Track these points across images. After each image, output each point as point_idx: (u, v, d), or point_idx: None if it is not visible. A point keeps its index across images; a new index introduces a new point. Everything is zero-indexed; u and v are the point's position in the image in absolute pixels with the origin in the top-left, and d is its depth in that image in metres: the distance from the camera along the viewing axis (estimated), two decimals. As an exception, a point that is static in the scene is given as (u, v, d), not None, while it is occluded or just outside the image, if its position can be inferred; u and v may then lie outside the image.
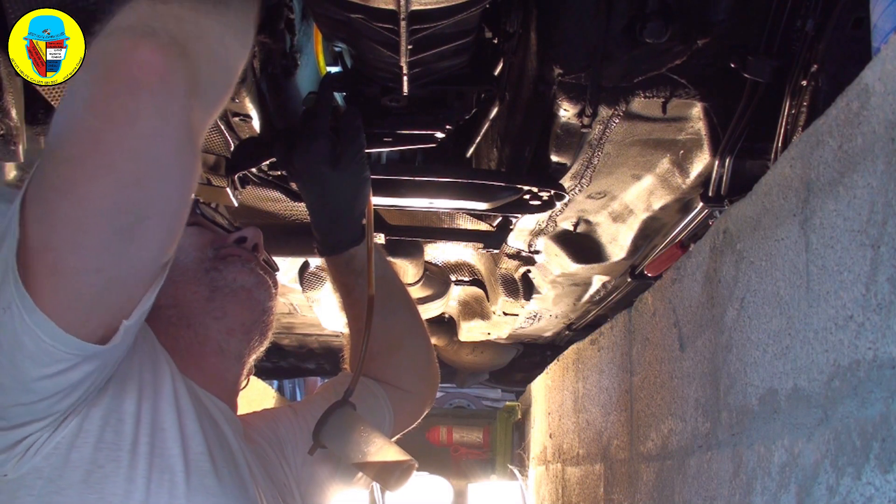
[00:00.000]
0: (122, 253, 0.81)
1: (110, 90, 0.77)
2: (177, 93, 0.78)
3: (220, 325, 1.13)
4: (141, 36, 0.77)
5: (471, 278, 2.51)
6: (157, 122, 0.77)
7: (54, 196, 0.78)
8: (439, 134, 1.46)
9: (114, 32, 0.79)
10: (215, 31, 0.89)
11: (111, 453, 0.90)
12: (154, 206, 0.81)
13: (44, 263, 0.78)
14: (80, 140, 0.77)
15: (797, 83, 1.25)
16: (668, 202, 1.68)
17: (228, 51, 0.92)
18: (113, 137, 0.76)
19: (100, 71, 0.78)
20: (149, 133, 0.77)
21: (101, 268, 0.80)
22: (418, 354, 1.46)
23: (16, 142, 1.26)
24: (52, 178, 0.78)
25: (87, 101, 0.77)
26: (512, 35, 1.39)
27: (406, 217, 1.95)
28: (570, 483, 2.43)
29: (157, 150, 0.78)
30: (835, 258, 0.79)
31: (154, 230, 0.83)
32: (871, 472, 0.69)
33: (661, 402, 1.42)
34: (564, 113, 1.38)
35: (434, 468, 4.31)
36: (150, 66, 0.76)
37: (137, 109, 0.76)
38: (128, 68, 0.76)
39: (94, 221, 0.78)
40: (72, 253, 0.78)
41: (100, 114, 0.77)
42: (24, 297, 0.78)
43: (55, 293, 0.78)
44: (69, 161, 0.77)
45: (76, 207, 0.77)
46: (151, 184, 0.79)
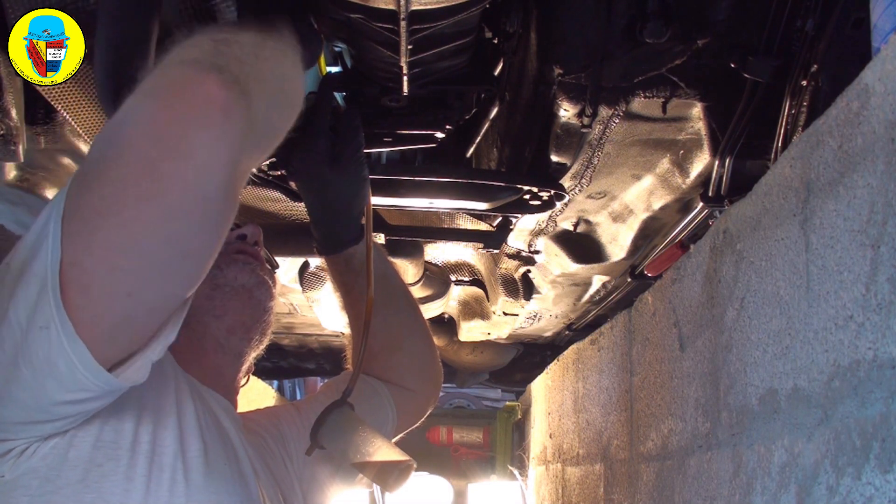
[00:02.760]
0: (155, 282, 0.80)
1: (172, 118, 0.76)
2: (235, 132, 0.77)
3: (220, 324, 1.14)
4: (209, 70, 0.76)
5: (471, 278, 2.51)
6: (213, 157, 0.76)
7: (95, 216, 0.76)
8: (439, 134, 1.46)
9: (179, 64, 0.78)
10: (274, 76, 0.88)
11: (110, 452, 0.90)
12: (193, 243, 0.80)
13: (75, 281, 0.77)
14: (133, 163, 0.76)
15: (797, 83, 1.25)
16: (668, 202, 1.68)
17: (284, 97, 0.92)
18: (168, 166, 0.75)
19: (161, 97, 0.77)
20: (203, 167, 0.76)
21: (131, 293, 0.79)
22: (421, 353, 1.46)
23: (16, 142, 1.26)
24: (96, 198, 0.77)
25: (144, 126, 0.76)
26: (512, 35, 1.39)
27: (406, 217, 1.95)
28: (570, 483, 2.43)
29: (208, 187, 0.77)
30: (835, 258, 0.79)
31: (188, 267, 0.82)
32: (871, 472, 0.69)
33: (661, 402, 1.42)
34: (564, 113, 1.38)
35: (434, 468, 4.31)
36: (215, 100, 0.75)
37: (197, 141, 0.75)
38: (191, 99, 0.75)
39: (133, 247, 0.77)
40: (106, 274, 0.77)
41: (158, 140, 0.75)
42: (65, 320, 0.76)
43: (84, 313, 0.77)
44: (116, 183, 0.76)
45: (118, 230, 0.76)
46: (195, 219, 0.78)
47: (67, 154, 1.56)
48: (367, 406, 1.23)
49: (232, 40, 0.84)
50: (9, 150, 1.27)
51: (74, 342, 0.77)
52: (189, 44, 0.82)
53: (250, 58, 0.84)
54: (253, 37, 0.88)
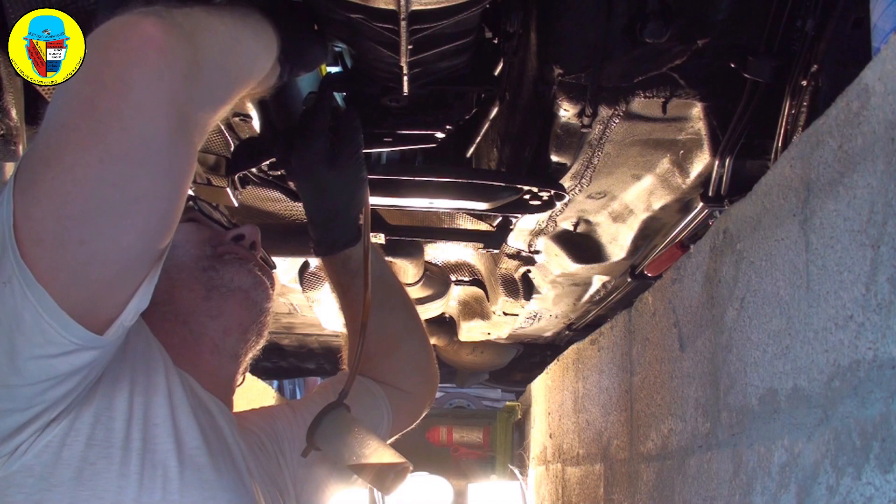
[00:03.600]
0: (107, 229, 0.79)
1: (107, 58, 0.76)
2: (174, 70, 0.77)
3: (216, 325, 1.13)
4: (146, 14, 0.77)
5: (471, 278, 2.51)
6: (150, 95, 0.76)
7: (41, 165, 0.77)
8: (439, 134, 1.46)
9: (121, 13, 0.79)
10: (226, 27, 0.88)
11: (102, 450, 0.90)
12: (142, 186, 0.79)
13: (27, 233, 0.77)
14: (72, 107, 0.76)
15: (797, 83, 1.25)
16: (668, 202, 1.68)
17: (238, 51, 0.92)
18: (105, 105, 0.75)
19: (100, 41, 0.78)
20: (142, 105, 0.76)
21: (84, 240, 0.78)
22: (417, 354, 1.46)
23: (16, 142, 1.26)
24: (41, 147, 0.77)
25: (83, 70, 0.77)
26: (512, 35, 1.39)
27: (406, 217, 1.95)
28: (570, 483, 2.43)
29: (149, 126, 0.77)
30: (835, 258, 0.79)
31: (142, 211, 0.81)
32: (871, 472, 0.69)
33: (661, 402, 1.42)
34: (564, 113, 1.38)
35: (434, 468, 4.31)
36: (150, 38, 0.76)
37: (132, 79, 0.75)
38: (128, 39, 0.76)
39: (77, 192, 0.76)
40: (55, 223, 0.77)
41: (94, 81, 0.76)
42: (25, 270, 0.76)
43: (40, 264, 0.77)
44: (58, 129, 0.76)
45: (61, 176, 0.76)
46: (140, 161, 0.78)
47: (67, 154, 1.56)
48: (362, 407, 1.23)
49: (187, 6, 0.84)
50: (9, 150, 1.27)
51: (35, 289, 0.77)
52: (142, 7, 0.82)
53: (199, 12, 0.84)
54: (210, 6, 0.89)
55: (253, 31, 0.96)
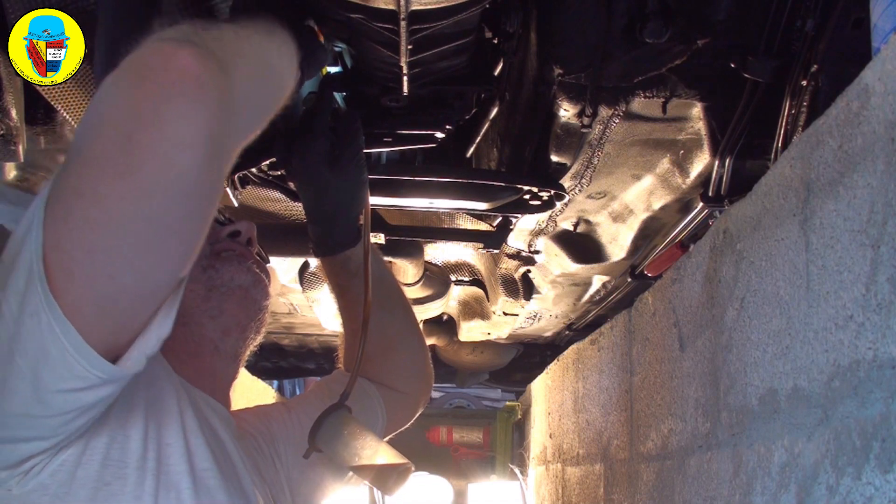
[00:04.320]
0: (137, 263, 0.79)
1: (144, 92, 0.75)
2: (210, 103, 0.76)
3: (216, 324, 1.12)
4: (182, 44, 0.76)
5: (471, 278, 2.51)
6: (187, 129, 0.75)
7: (73, 196, 0.76)
8: (439, 134, 1.46)
9: (154, 41, 0.78)
10: (256, 53, 0.88)
11: (118, 471, 0.90)
12: (174, 220, 0.79)
13: (57, 265, 0.76)
14: (107, 140, 0.75)
15: (797, 83, 1.25)
16: (668, 202, 1.68)
17: (269, 77, 0.91)
18: (141, 139, 0.74)
19: (135, 73, 0.76)
20: (178, 140, 0.75)
21: (113, 274, 0.77)
22: (413, 356, 1.46)
23: (16, 142, 1.26)
24: (73, 178, 0.76)
25: (119, 101, 0.76)
26: (512, 35, 1.39)
27: (406, 217, 1.95)
28: (570, 483, 2.43)
29: (185, 160, 0.76)
30: (835, 258, 0.79)
31: (172, 245, 0.80)
32: (871, 472, 0.69)
33: (661, 402, 1.42)
34: (564, 113, 1.38)
35: (434, 468, 4.31)
36: (187, 72, 0.74)
37: (169, 113, 0.74)
38: (165, 72, 0.74)
39: (110, 225, 0.76)
40: (85, 256, 0.76)
41: (130, 115, 0.75)
42: (53, 305, 0.76)
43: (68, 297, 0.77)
44: (92, 161, 0.75)
45: (93, 209, 0.75)
46: (174, 194, 0.77)
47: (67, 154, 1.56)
48: (357, 407, 1.23)
49: (212, 26, 0.83)
50: (9, 150, 1.27)
51: (63, 325, 0.77)
52: (169, 28, 0.81)
53: (230, 36, 0.84)
54: (239, 25, 0.88)
55: (278, 48, 0.95)
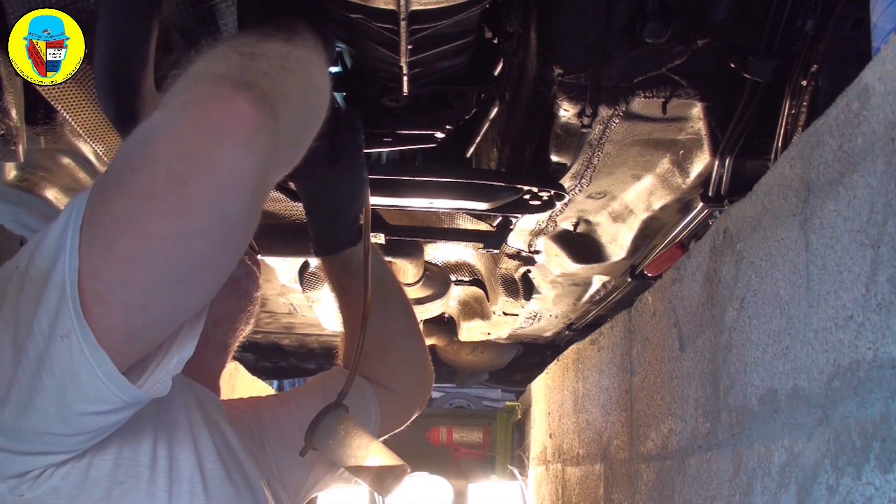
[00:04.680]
0: (171, 296, 0.80)
1: (201, 135, 0.75)
2: (262, 150, 0.77)
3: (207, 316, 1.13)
4: (238, 87, 0.76)
5: (471, 278, 2.51)
6: (238, 175, 0.76)
7: (116, 229, 0.76)
8: (439, 134, 1.46)
9: (208, 79, 0.78)
10: (299, 89, 0.88)
11: (130, 469, 0.90)
12: (212, 258, 0.80)
13: (92, 293, 0.77)
14: (159, 177, 0.75)
15: (797, 83, 1.25)
16: (668, 202, 1.68)
17: (308, 110, 0.92)
18: (193, 181, 0.74)
19: (192, 114, 0.76)
20: (228, 185, 0.76)
21: (147, 305, 0.78)
22: (412, 357, 1.46)
23: (16, 142, 1.26)
24: (117, 210, 0.76)
25: (173, 142, 0.76)
26: (512, 35, 1.39)
27: (406, 217, 1.95)
28: (570, 483, 2.43)
29: (231, 204, 0.77)
30: (835, 258, 0.79)
31: (205, 282, 0.82)
32: (871, 472, 0.69)
33: (661, 402, 1.42)
34: (564, 113, 1.38)
35: (434, 468, 4.31)
36: (244, 119, 0.75)
37: (224, 158, 0.75)
38: (222, 117, 0.75)
39: (152, 261, 0.76)
40: (123, 287, 0.77)
41: (184, 155, 0.75)
42: (86, 329, 0.76)
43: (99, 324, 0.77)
44: (139, 196, 0.75)
45: (137, 244, 0.75)
46: (217, 236, 0.78)
47: (67, 154, 1.56)
48: (350, 404, 1.24)
49: (258, 54, 0.83)
50: (9, 150, 1.27)
51: (95, 351, 0.77)
52: (216, 57, 0.81)
53: (278, 72, 0.84)
54: (279, 47, 0.87)
55: (319, 76, 0.95)
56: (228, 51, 0.83)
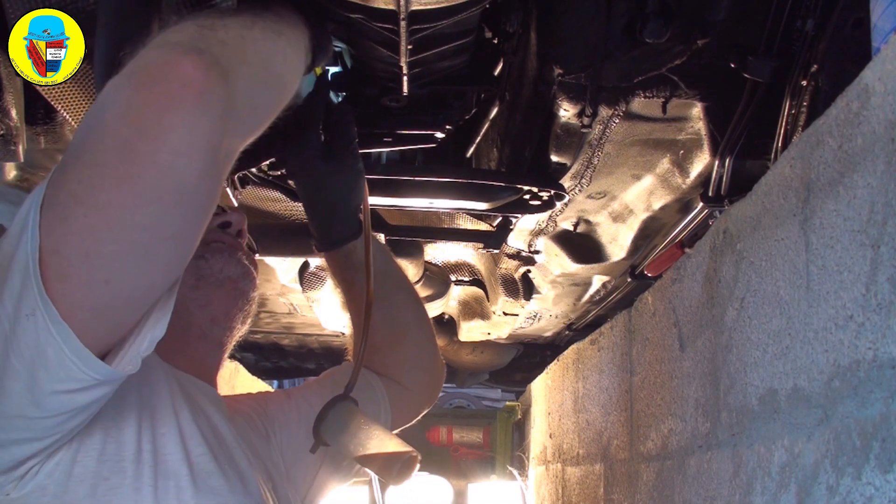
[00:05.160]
0: (133, 268, 0.79)
1: (147, 100, 0.75)
2: (212, 113, 0.77)
3: (203, 313, 1.14)
4: (185, 52, 0.76)
5: (471, 278, 2.51)
6: (189, 139, 0.76)
7: (71, 201, 0.76)
8: (439, 134, 1.46)
9: (160, 47, 0.78)
10: (260, 57, 0.88)
11: (115, 465, 0.90)
12: (172, 226, 0.79)
13: (54, 269, 0.76)
14: (108, 147, 0.75)
15: (797, 83, 1.25)
16: (668, 202, 1.68)
17: (271, 80, 0.92)
18: (143, 148, 0.74)
19: (139, 80, 0.77)
20: (179, 149, 0.75)
21: (109, 279, 0.78)
22: (422, 350, 1.45)
23: (16, 142, 1.26)
24: (72, 182, 0.76)
25: (121, 109, 0.76)
26: (512, 35, 1.39)
27: (406, 217, 1.95)
28: (570, 483, 2.43)
29: (185, 168, 0.76)
30: (835, 258, 0.79)
31: (169, 250, 0.81)
32: (871, 472, 0.69)
33: (661, 402, 1.42)
34: (564, 113, 1.38)
35: (434, 468, 4.31)
36: (190, 81, 0.75)
37: (171, 122, 0.75)
38: (168, 81, 0.75)
39: (108, 232, 0.76)
40: (83, 261, 0.77)
41: (133, 122, 0.75)
42: (49, 306, 0.76)
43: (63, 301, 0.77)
44: (92, 167, 0.76)
45: (93, 215, 0.75)
46: (172, 203, 0.78)
47: (67, 154, 1.56)
48: (359, 398, 1.24)
49: (218, 24, 0.83)
50: (9, 150, 1.27)
51: (60, 327, 0.77)
52: (174, 28, 0.81)
53: (235, 40, 0.84)
54: (243, 19, 0.88)
55: (284, 50, 0.95)
56: (188, 23, 0.83)
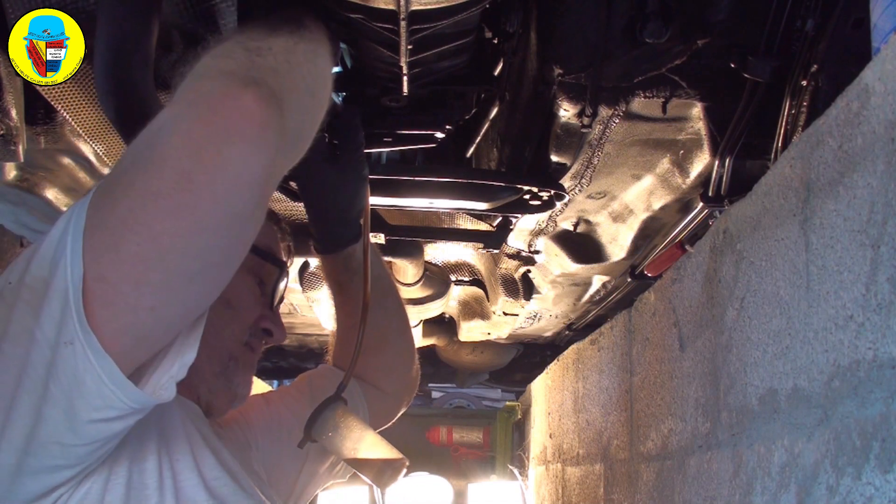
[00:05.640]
0: (179, 295, 0.79)
1: (209, 133, 0.75)
2: (269, 147, 0.77)
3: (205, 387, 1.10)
4: (246, 84, 0.76)
5: (471, 278, 2.51)
6: (247, 171, 0.76)
7: (123, 229, 0.75)
8: (439, 134, 1.46)
9: (216, 76, 0.78)
10: (306, 83, 0.88)
11: (140, 492, 0.90)
12: (220, 255, 0.80)
13: (99, 296, 0.76)
14: (166, 176, 0.75)
15: (797, 83, 1.25)
16: (668, 202, 1.68)
17: (314, 103, 0.92)
18: (202, 178, 0.74)
19: (199, 111, 0.76)
20: (236, 182, 0.76)
21: (155, 307, 0.78)
22: (402, 357, 1.47)
23: (16, 142, 1.26)
24: (124, 210, 0.76)
25: (182, 139, 0.75)
26: (512, 35, 1.39)
27: (406, 217, 1.95)
28: (570, 483, 2.43)
29: (240, 201, 0.77)
30: (835, 258, 0.79)
31: (213, 279, 0.81)
32: (871, 472, 0.69)
33: (661, 402, 1.42)
34: (564, 113, 1.38)
35: (434, 468, 4.31)
36: (252, 116, 0.75)
37: (232, 156, 0.75)
38: (229, 114, 0.75)
39: (160, 260, 0.76)
40: (132, 289, 0.76)
41: (193, 153, 0.75)
42: (90, 335, 0.76)
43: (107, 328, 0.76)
44: (147, 195, 0.75)
45: (147, 244, 0.75)
46: (226, 233, 0.78)
47: (67, 154, 1.56)
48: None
49: (264, 48, 0.83)
50: (9, 150, 1.27)
51: (100, 356, 0.76)
52: (222, 53, 0.81)
53: (284, 66, 0.84)
54: (285, 41, 0.87)
55: (324, 71, 0.95)
56: (234, 46, 0.82)
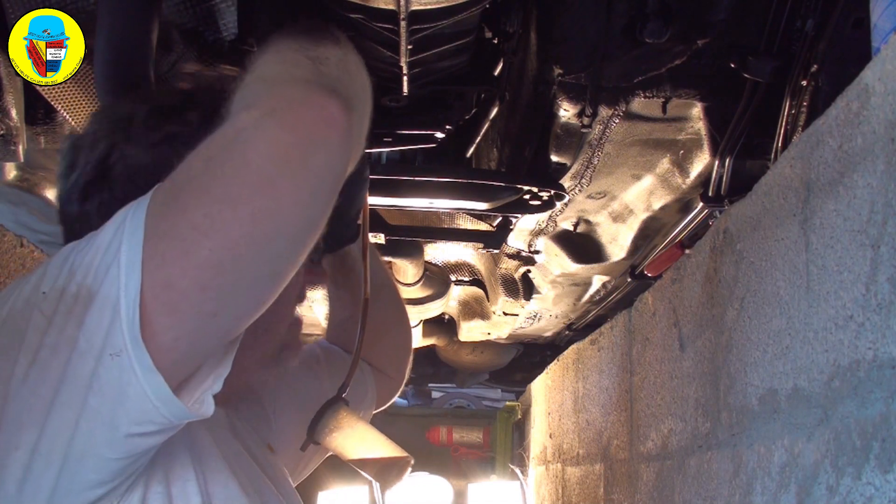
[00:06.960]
0: (241, 304, 0.78)
1: (296, 140, 0.74)
2: (347, 152, 0.78)
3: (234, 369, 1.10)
4: (328, 93, 0.76)
5: (471, 278, 2.51)
6: (327, 178, 0.76)
7: (197, 234, 0.73)
8: (439, 134, 1.46)
9: (296, 83, 0.78)
10: (365, 93, 0.90)
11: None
12: (288, 262, 0.78)
13: (164, 302, 0.73)
14: (248, 182, 0.73)
15: (797, 83, 1.25)
16: (668, 202, 1.68)
17: (368, 112, 0.92)
18: (286, 185, 0.74)
19: (285, 118, 0.75)
20: (317, 188, 0.76)
21: (217, 312, 0.76)
22: (402, 342, 1.52)
23: (16, 142, 1.27)
24: (197, 216, 0.73)
25: (266, 146, 0.74)
26: (512, 35, 1.39)
27: (406, 217, 1.95)
28: (570, 483, 2.43)
29: (317, 205, 0.77)
30: (835, 258, 0.79)
31: (274, 286, 0.80)
32: (871, 472, 0.69)
33: (661, 402, 1.42)
34: (564, 113, 1.38)
35: (434, 468, 4.31)
36: (337, 124, 0.75)
37: (316, 164, 0.75)
38: (317, 123, 0.75)
39: (233, 265, 0.74)
40: (199, 294, 0.74)
41: (280, 160, 0.74)
42: (139, 347, 0.73)
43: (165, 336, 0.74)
44: (225, 201, 0.73)
45: (222, 249, 0.73)
46: (301, 239, 0.77)
47: (67, 154, 1.56)
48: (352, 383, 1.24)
49: (323, 58, 0.83)
50: (9, 150, 1.27)
51: (148, 371, 0.74)
52: (288, 60, 0.81)
53: (345, 76, 0.84)
54: (335, 52, 0.88)
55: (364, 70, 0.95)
56: (296, 55, 0.82)
